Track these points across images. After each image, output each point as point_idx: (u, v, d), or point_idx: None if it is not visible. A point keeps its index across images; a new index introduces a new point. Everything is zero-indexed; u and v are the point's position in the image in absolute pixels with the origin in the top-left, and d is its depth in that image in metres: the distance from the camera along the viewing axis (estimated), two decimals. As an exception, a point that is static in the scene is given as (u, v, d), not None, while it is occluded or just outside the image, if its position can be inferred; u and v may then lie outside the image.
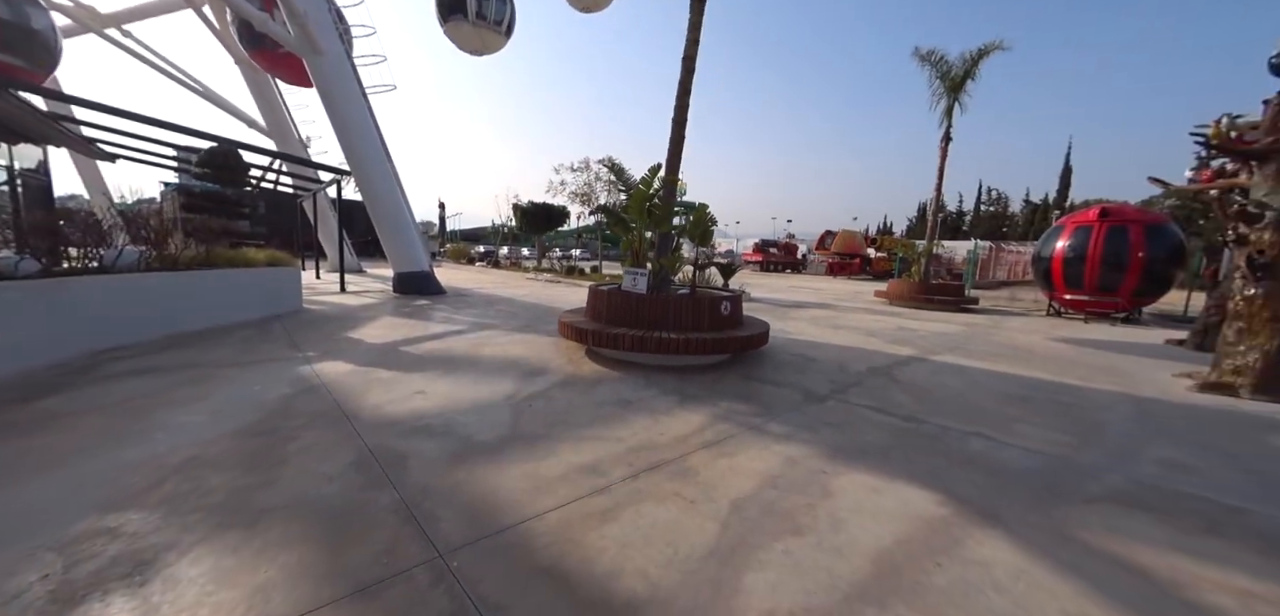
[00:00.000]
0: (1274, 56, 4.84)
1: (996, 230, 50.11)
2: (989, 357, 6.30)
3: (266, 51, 14.28)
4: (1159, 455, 3.30)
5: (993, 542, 2.20)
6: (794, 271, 31.87)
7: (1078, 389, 4.96)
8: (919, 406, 4.18)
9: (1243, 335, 4.91)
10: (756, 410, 3.90)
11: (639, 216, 5.30)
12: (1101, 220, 10.23)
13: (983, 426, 3.74)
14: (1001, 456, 3.19)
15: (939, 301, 12.13)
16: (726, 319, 5.25)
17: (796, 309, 10.91)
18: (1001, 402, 4.38)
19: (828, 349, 6.46)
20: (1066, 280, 10.77)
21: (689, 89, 5.42)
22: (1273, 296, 4.78)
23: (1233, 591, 1.94)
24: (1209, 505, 2.62)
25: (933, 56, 11.72)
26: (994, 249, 27.80)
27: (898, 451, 3.22)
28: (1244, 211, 4.97)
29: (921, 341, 7.32)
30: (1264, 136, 4.91)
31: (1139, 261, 9.80)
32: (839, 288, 18.68)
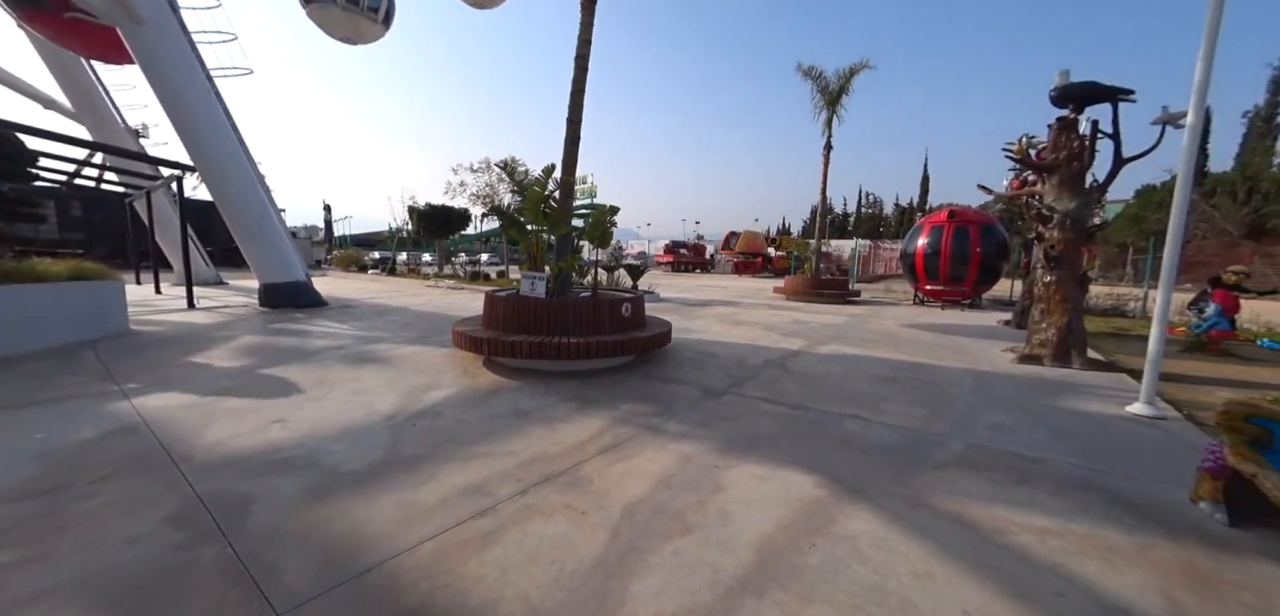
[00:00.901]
0: (1052, 90, 5.93)
1: (874, 230, 56.62)
2: (867, 344, 7.00)
3: (47, 15, 10.25)
4: (989, 420, 3.85)
5: (860, 516, 2.38)
6: (703, 271, 33.26)
7: (933, 367, 5.67)
8: (806, 394, 4.49)
9: (1044, 314, 5.96)
10: (656, 410, 3.92)
11: (535, 218, 5.11)
12: (950, 221, 11.92)
13: (859, 408, 4.10)
14: (871, 434, 3.51)
15: (828, 295, 13.33)
16: (629, 320, 5.25)
17: (702, 307, 11.32)
18: (875, 384, 4.85)
19: (729, 344, 6.74)
20: (927, 273, 12.40)
21: (583, 89, 5.34)
22: (1063, 283, 5.85)
23: (1034, 531, 2.27)
24: (1020, 459, 3.09)
25: (813, 72, 12.87)
26: (873, 247, 31.34)
27: (785, 439, 3.40)
28: (1041, 214, 6.03)
29: (812, 332, 7.95)
30: (1049, 154, 6.00)
31: (977, 256, 11.57)
32: (743, 285, 19.80)
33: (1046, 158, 6.06)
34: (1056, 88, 5.89)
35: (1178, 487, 2.72)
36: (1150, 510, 2.51)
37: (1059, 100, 5.94)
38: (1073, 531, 2.29)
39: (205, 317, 8.45)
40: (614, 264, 14.72)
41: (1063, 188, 5.91)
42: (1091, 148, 5.86)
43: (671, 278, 24.92)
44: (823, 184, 13.30)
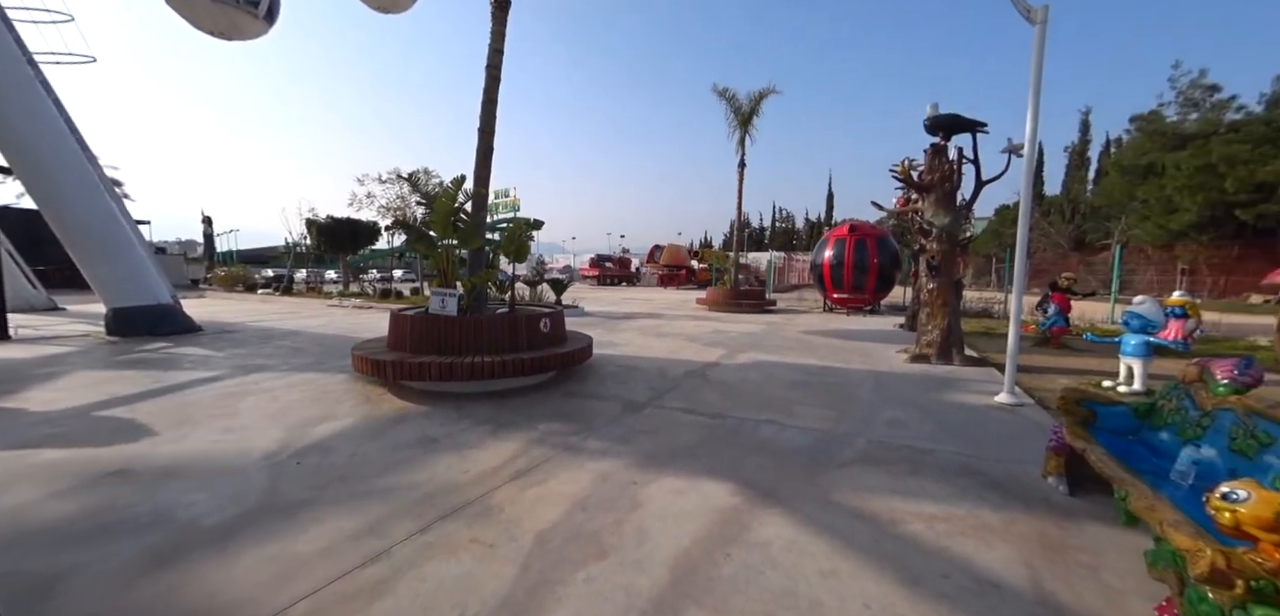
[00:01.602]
0: (925, 120, 6.74)
1: (788, 243, 60.75)
2: (781, 351, 7.38)
3: None
4: (887, 416, 4.19)
5: (773, 522, 2.44)
6: (629, 284, 33.55)
7: (840, 370, 6.10)
8: (725, 402, 4.60)
9: (929, 318, 6.68)
10: (575, 428, 3.80)
11: (444, 232, 4.80)
12: (851, 235, 13.06)
13: (774, 413, 4.27)
14: (785, 438, 3.66)
15: (747, 305, 13.97)
16: (549, 336, 5.08)
17: (627, 320, 11.36)
18: (788, 390, 5.10)
19: (651, 357, 6.78)
20: (834, 282, 13.45)
21: (495, 99, 5.15)
22: (943, 289, 6.61)
23: (924, 518, 2.47)
24: (913, 451, 3.38)
25: (727, 94, 13.59)
26: (787, 259, 33.55)
27: (704, 449, 3.43)
28: (923, 228, 6.78)
29: (731, 342, 8.24)
30: (926, 176, 6.79)
31: (875, 266, 12.77)
32: (667, 297, 20.22)
33: (924, 179, 6.83)
34: (928, 118, 6.67)
35: (1032, 466, 3.11)
36: (1013, 488, 2.83)
37: (930, 128, 6.73)
38: (955, 515, 2.51)
39: (24, 351, 6.94)
40: (536, 278, 14.35)
41: (939, 205, 6.69)
42: (959, 171, 6.71)
43: (597, 291, 24.84)
44: (738, 199, 14.01)
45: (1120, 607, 1.87)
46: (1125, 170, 24.16)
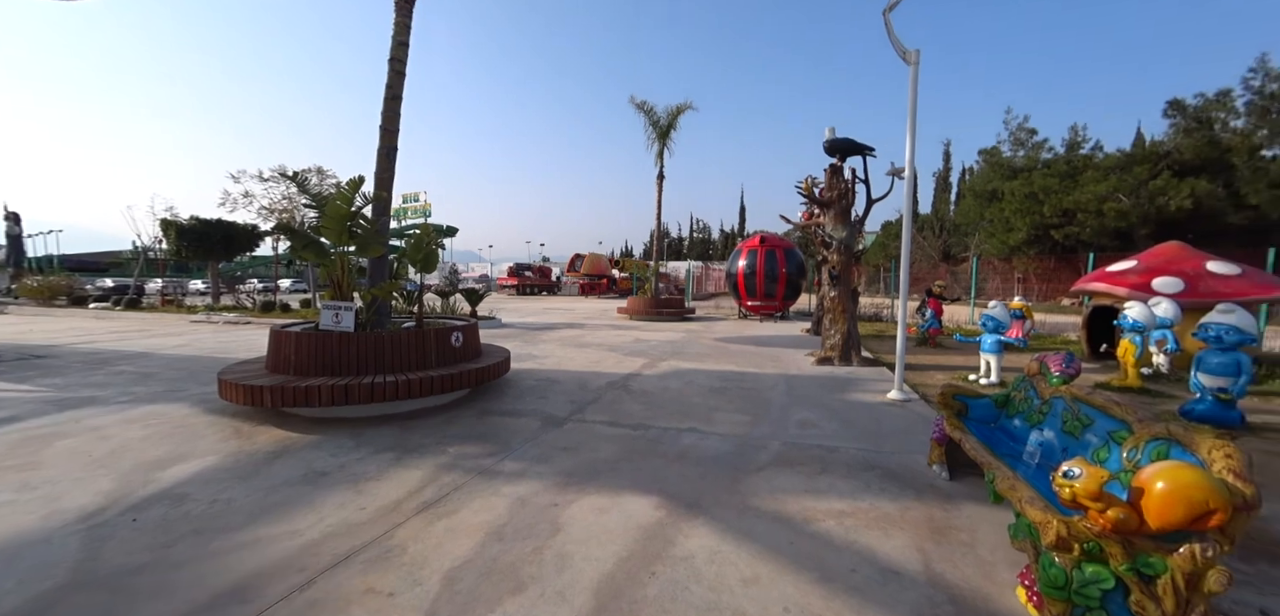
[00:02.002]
0: (824, 142, 7.41)
1: (705, 253, 63.48)
2: (701, 358, 7.59)
3: None
4: (799, 418, 4.44)
5: (697, 533, 2.44)
6: (549, 294, 32.88)
7: (755, 375, 6.39)
8: (647, 413, 4.60)
9: (832, 323, 7.27)
10: (490, 450, 3.56)
11: (339, 238, 4.29)
12: (762, 245, 13.90)
13: (694, 421, 4.34)
14: (706, 446, 3.72)
15: (667, 313, 14.28)
16: (461, 350, 4.75)
17: (547, 331, 11.05)
18: (707, 396, 5.23)
19: (572, 369, 6.63)
20: (748, 290, 14.20)
21: (399, 95, 4.75)
22: (842, 297, 7.23)
23: (833, 514, 2.62)
24: (822, 450, 3.60)
25: (645, 106, 13.89)
26: (704, 268, 34.96)
27: (626, 463, 3.37)
28: (824, 241, 7.39)
29: (652, 351, 8.33)
30: (826, 193, 7.42)
31: (784, 276, 13.70)
32: (589, 307, 20.07)
33: (825, 195, 7.45)
34: (826, 141, 7.30)
35: (920, 456, 3.45)
36: (906, 477, 3.11)
37: (828, 150, 7.37)
38: (860, 509, 2.70)
39: None
40: (449, 289, 13.49)
41: (837, 220, 7.32)
42: (853, 189, 7.40)
43: (516, 301, 24.01)
44: (657, 210, 14.32)
45: (991, 578, 2.10)
46: (976, 194, 28.48)
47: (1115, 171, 21.23)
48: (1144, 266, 7.12)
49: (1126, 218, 19.81)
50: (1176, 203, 18.97)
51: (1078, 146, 24.50)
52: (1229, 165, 19.37)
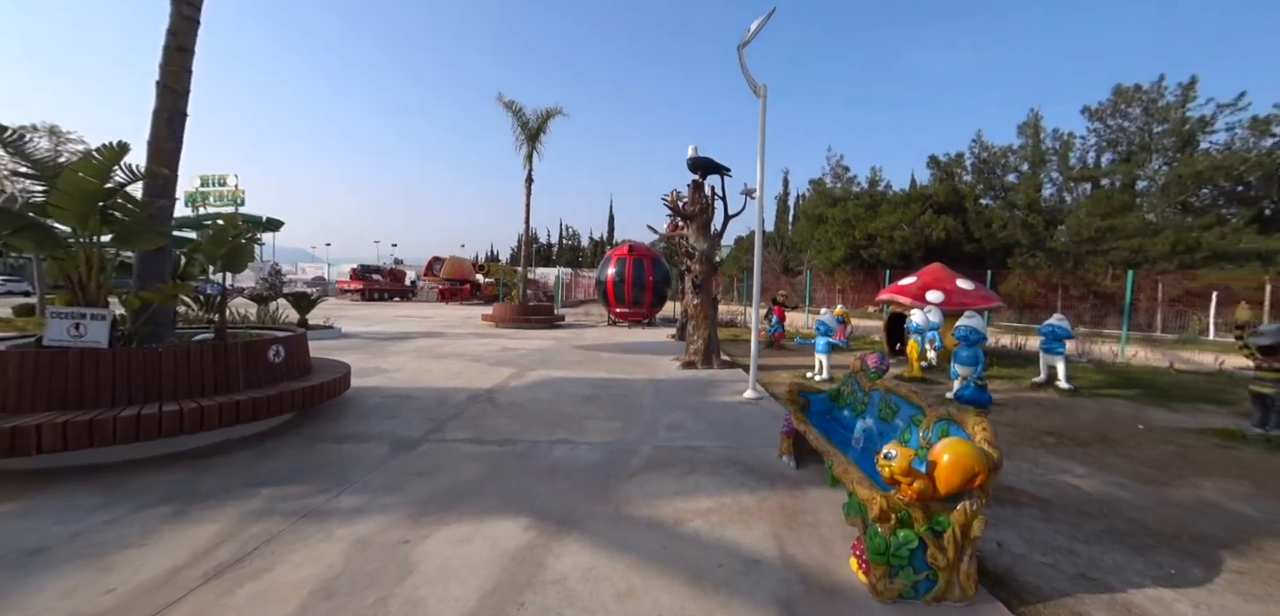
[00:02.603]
0: (687, 159, 7.95)
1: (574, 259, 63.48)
2: (571, 366, 7.46)
3: None
4: (667, 421, 4.61)
5: (569, 551, 2.32)
6: (403, 299, 29.56)
7: (625, 381, 6.50)
8: (515, 426, 4.33)
9: (695, 329, 7.77)
10: (321, 485, 2.97)
11: (85, 222, 3.17)
12: (630, 254, 14.33)
13: (566, 431, 4.20)
14: (578, 457, 3.62)
15: (536, 320, 13.83)
16: (282, 367, 3.92)
17: (400, 341, 9.85)
18: (578, 404, 5.14)
19: (428, 383, 5.98)
20: (617, 297, 14.49)
21: (189, 48, 3.75)
22: (704, 304, 7.79)
23: (701, 512, 2.75)
24: (689, 451, 3.78)
25: (514, 106, 13.36)
26: (574, 274, 34.85)
27: (493, 482, 3.11)
28: (688, 251, 7.90)
29: (520, 359, 7.95)
30: (690, 206, 7.96)
31: (651, 284, 14.31)
32: (450, 314, 18.50)
33: (688, 209, 7.95)
34: (689, 158, 7.81)
35: (772, 449, 3.83)
36: (762, 470, 3.42)
37: (692, 168, 7.90)
38: (724, 504, 2.86)
39: None
40: (270, 293, 11.21)
41: (699, 232, 7.86)
42: (713, 205, 8.04)
43: (362, 309, 21.05)
44: (526, 213, 13.84)
45: (831, 552, 2.39)
46: (808, 218, 33.46)
47: (900, 206, 26.86)
48: (920, 282, 9.04)
49: (908, 242, 25.17)
50: (935, 233, 24.76)
51: (876, 184, 30.47)
52: (964, 208, 25.93)
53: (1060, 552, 2.51)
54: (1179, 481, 3.58)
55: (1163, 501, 3.21)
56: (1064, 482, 3.46)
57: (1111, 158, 22.28)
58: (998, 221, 24.42)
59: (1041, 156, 24.29)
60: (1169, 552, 2.57)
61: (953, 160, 27.94)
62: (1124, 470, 3.74)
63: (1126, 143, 21.83)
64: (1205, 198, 19.66)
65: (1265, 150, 18.69)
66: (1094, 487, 3.40)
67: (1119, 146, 22.04)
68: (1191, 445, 4.44)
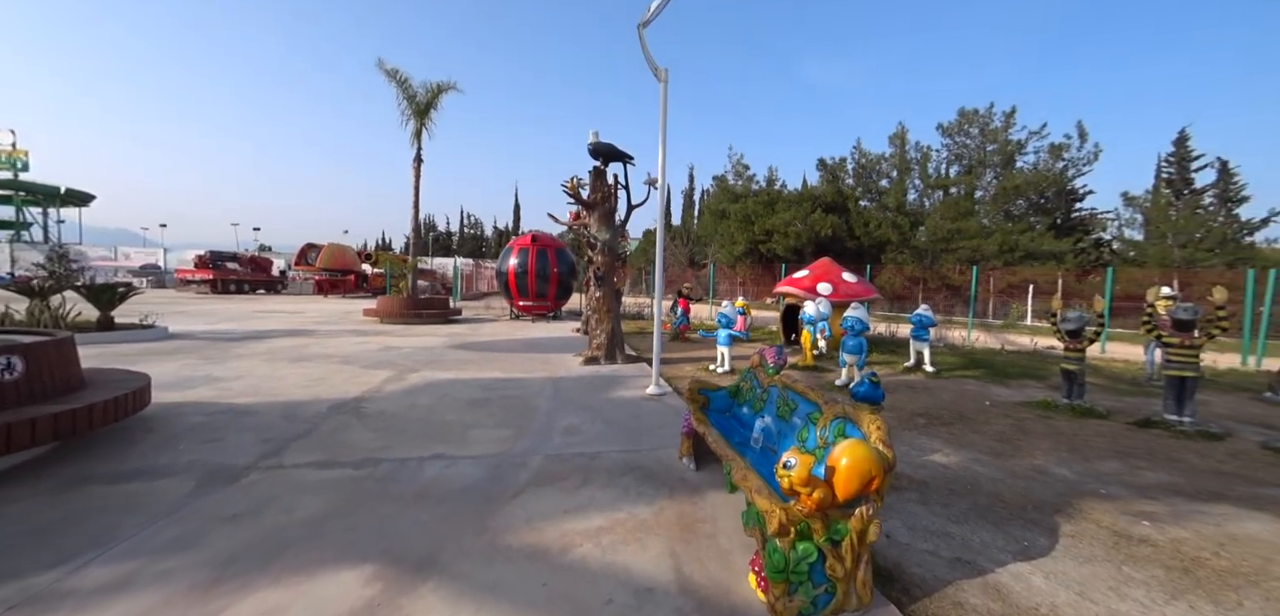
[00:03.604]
0: (589, 145, 7.57)
1: (477, 250, 59.88)
2: (462, 366, 6.75)
3: None
4: (564, 424, 4.23)
5: (424, 608, 1.87)
6: (269, 291, 25.52)
7: (522, 380, 5.98)
8: (382, 441, 3.67)
9: (598, 323, 7.46)
10: (63, 552, 2.15)
11: None
12: (533, 244, 13.60)
13: (444, 444, 3.65)
14: (454, 475, 3.11)
15: (428, 315, 12.57)
16: (24, 386, 2.87)
17: (251, 342, 8.27)
18: (465, 410, 4.56)
19: (277, 392, 4.97)
20: (520, 290, 13.68)
21: None
22: (607, 297, 7.50)
23: (591, 534, 2.44)
24: (584, 458, 3.45)
25: (398, 76, 11.90)
26: (475, 266, 32.73)
27: (337, 520, 2.51)
28: (590, 242, 7.55)
29: (403, 359, 7.04)
30: (592, 194, 7.61)
31: (556, 275, 13.72)
32: (327, 309, 16.22)
33: (591, 197, 7.59)
34: (590, 144, 7.44)
35: (672, 449, 3.64)
36: (661, 475, 3.20)
37: (593, 154, 7.53)
38: (618, 521, 2.57)
39: None
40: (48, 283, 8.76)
41: (602, 222, 7.54)
42: (616, 194, 7.75)
43: (212, 303, 17.70)
44: (415, 196, 12.47)
45: (730, 567, 2.21)
46: (712, 212, 34.86)
47: (794, 204, 29.01)
48: (812, 276, 9.63)
49: (800, 238, 27.27)
50: (824, 231, 27.15)
51: (773, 182, 32.59)
52: (847, 208, 28.78)
53: (938, 537, 2.60)
54: (1019, 452, 4.03)
55: (1010, 473, 3.56)
56: (936, 463, 3.71)
57: (958, 170, 26.07)
58: (874, 221, 27.38)
59: (907, 165, 27.68)
60: (1020, 524, 2.79)
61: (837, 164, 30.77)
62: (980, 445, 4.13)
63: (968, 158, 25.67)
64: (1020, 207, 23.82)
65: (1058, 171, 23.10)
66: (958, 464, 3.68)
67: (963, 160, 25.85)
68: (1023, 418, 5.11)
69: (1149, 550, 2.56)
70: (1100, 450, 4.14)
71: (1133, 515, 2.96)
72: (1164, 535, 2.73)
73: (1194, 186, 22.88)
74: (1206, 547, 2.61)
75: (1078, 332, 5.53)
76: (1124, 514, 2.98)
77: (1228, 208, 21.26)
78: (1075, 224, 23.54)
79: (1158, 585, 2.26)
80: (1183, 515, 2.99)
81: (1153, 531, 2.77)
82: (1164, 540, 2.68)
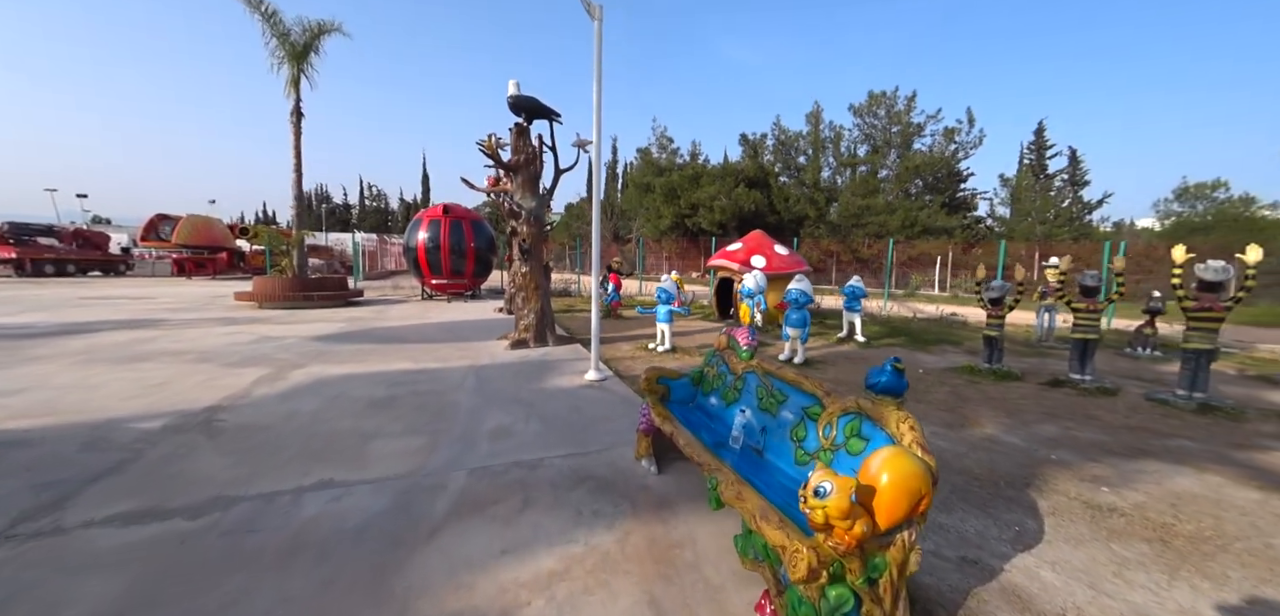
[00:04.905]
0: (509, 97, 6.61)
1: (382, 224, 54.33)
2: (364, 357, 5.65)
3: None
4: (492, 425, 3.52)
5: None
6: (108, 273, 20.92)
7: (438, 371, 5.09)
8: (242, 468, 2.73)
9: (525, 301, 6.67)
10: None
11: None
12: (445, 216, 12.19)
13: (333, 466, 2.80)
14: (346, 511, 2.32)
15: (322, 298, 10.81)
16: None
17: (61, 338, 6.38)
18: (365, 415, 3.66)
19: (84, 407, 3.68)
20: (431, 267, 12.24)
21: None
22: (535, 272, 6.71)
23: (540, 584, 1.84)
24: (521, 469, 2.80)
25: (267, 11, 9.77)
26: (380, 241, 29.46)
27: (139, 613, 1.66)
28: (513, 210, 6.67)
29: (283, 354, 5.76)
30: (514, 156, 6.70)
31: (473, 250, 12.45)
32: (190, 293, 13.45)
33: (512, 159, 6.67)
34: (510, 96, 6.50)
35: (626, 447, 3.11)
36: (620, 485, 2.65)
37: (513, 108, 6.60)
38: (575, 558, 1.99)
39: None
40: None
41: (526, 188, 6.68)
42: (541, 157, 6.90)
43: (14, 289, 13.95)
44: (296, 159, 10.49)
45: (722, 608, 1.74)
46: (636, 185, 34.35)
47: (718, 178, 29.40)
48: (746, 248, 9.50)
49: (725, 213, 27.75)
50: (747, 205, 27.87)
51: (697, 156, 32.76)
52: (768, 183, 29.78)
53: (934, 531, 2.33)
54: (966, 422, 4.02)
55: (969, 445, 3.48)
56: (899, 440, 3.55)
57: (866, 149, 27.90)
58: (793, 196, 28.56)
59: (821, 143, 29.09)
60: (1002, 505, 2.63)
61: (757, 141, 31.59)
62: (933, 418, 4.08)
63: (876, 138, 27.54)
64: (918, 186, 26.12)
65: (950, 153, 25.58)
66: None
67: (872, 140, 27.69)
68: (956, 384, 5.25)
69: (1122, 521, 2.51)
70: (1033, 413, 4.28)
71: (1089, 481, 2.96)
72: (1125, 501, 2.71)
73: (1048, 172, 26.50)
74: (1166, 512, 2.61)
75: (999, 301, 5.80)
76: (1081, 480, 2.97)
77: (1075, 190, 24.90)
78: (960, 202, 26.27)
79: (1152, 563, 2.15)
80: (1128, 476, 3.04)
81: (1114, 497, 2.75)
82: (1128, 507, 2.65)
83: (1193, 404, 4.51)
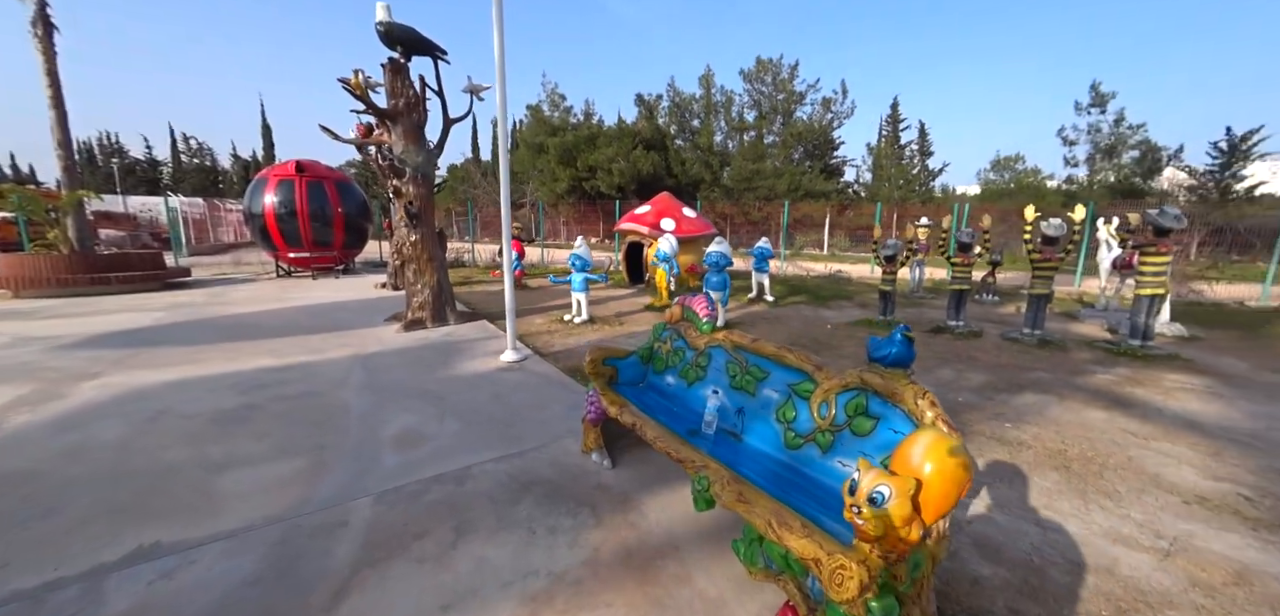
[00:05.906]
0: (378, 25, 5.41)
1: (211, 186, 44.46)
2: (194, 359, 4.35)
3: None
4: (394, 430, 2.85)
5: None
6: None
7: (311, 365, 4.10)
8: (-14, 550, 1.79)
9: (418, 275, 5.72)
10: None
11: None
12: (300, 175, 10.11)
13: (157, 520, 1.98)
14: (181, 591, 1.61)
15: (123, 279, 8.32)
16: None
17: None
18: (205, 437, 2.73)
19: None
20: (285, 238, 10.15)
21: None
22: (426, 240, 5.77)
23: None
24: (444, 486, 2.25)
25: None
26: (211, 207, 24.01)
27: None
28: (394, 166, 5.60)
29: (60, 361, 4.22)
30: (391, 99, 5.56)
31: (341, 216, 10.56)
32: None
33: (390, 105, 5.54)
34: (380, 23, 5.34)
35: (568, 438, 2.71)
36: (571, 487, 2.25)
37: (386, 40, 5.45)
38: (539, 599, 1.57)
39: None
40: None
41: (409, 138, 5.62)
42: (425, 102, 5.83)
43: None
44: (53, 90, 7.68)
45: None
46: (528, 146, 32.35)
47: (615, 140, 28.78)
48: (655, 211, 9.29)
49: (623, 175, 27.37)
50: (646, 168, 27.79)
51: (591, 117, 31.66)
52: (665, 146, 29.95)
53: (899, 493, 2.33)
54: (881, 371, 4.28)
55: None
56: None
57: (754, 115, 29.29)
58: (689, 160, 29.08)
59: (713, 107, 29.86)
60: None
61: (653, 102, 31.43)
62: (854, 371, 4.27)
63: (763, 105, 28.98)
64: (800, 152, 28.26)
65: (827, 122, 27.98)
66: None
67: (761, 107, 29.09)
68: (861, 338, 5.64)
69: (1030, 454, 2.76)
70: (929, 359, 4.70)
71: (994, 418, 3.26)
72: (1026, 434, 3.02)
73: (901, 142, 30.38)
74: (1055, 439, 2.95)
75: (892, 258, 6.33)
76: (988, 418, 3.26)
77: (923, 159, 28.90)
78: (833, 168, 29.04)
79: (1067, 491, 2.36)
80: (1020, 412, 3.41)
81: (1018, 432, 3.04)
82: (1030, 439, 2.95)
83: (1034, 339, 5.35)
